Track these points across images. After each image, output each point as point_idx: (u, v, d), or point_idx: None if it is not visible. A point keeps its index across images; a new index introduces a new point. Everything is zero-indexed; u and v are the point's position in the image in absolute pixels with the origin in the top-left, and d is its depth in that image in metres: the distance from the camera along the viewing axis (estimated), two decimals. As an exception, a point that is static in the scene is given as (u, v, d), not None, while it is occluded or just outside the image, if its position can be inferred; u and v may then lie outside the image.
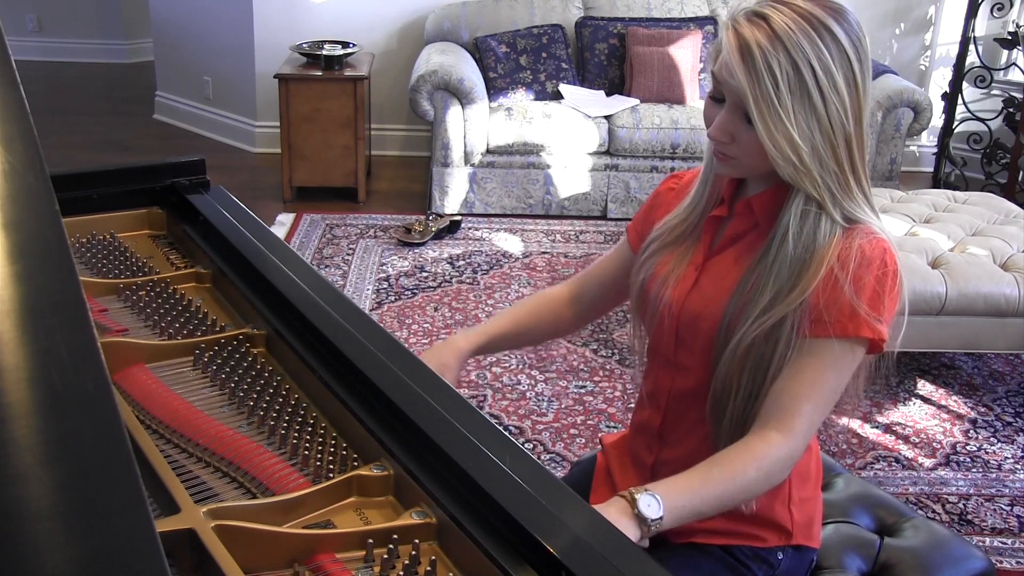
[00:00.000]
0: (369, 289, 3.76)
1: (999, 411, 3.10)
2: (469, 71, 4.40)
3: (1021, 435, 2.98)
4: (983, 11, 4.73)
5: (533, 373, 3.17)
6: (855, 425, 2.96)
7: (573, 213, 4.52)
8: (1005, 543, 2.51)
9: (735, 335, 1.26)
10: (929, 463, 2.82)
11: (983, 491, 2.71)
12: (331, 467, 1.14)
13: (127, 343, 1.33)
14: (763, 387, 1.25)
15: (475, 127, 4.34)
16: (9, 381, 0.62)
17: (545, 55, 4.65)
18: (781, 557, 1.39)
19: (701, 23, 4.78)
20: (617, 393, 3.07)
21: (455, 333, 2.64)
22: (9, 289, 0.69)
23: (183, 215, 1.67)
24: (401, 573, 0.98)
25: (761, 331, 1.24)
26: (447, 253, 4.10)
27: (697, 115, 4.40)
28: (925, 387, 3.21)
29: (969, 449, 2.89)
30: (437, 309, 3.61)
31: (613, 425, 2.92)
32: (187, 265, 1.60)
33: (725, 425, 1.29)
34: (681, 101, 4.60)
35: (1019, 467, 2.82)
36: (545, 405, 3.00)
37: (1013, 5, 4.85)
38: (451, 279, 3.86)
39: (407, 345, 2.31)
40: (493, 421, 1.31)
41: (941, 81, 5.14)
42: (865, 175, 1.26)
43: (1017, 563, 2.44)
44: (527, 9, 4.84)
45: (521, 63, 4.62)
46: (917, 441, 2.92)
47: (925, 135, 5.12)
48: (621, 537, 0.96)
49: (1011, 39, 4.76)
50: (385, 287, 3.77)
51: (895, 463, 2.80)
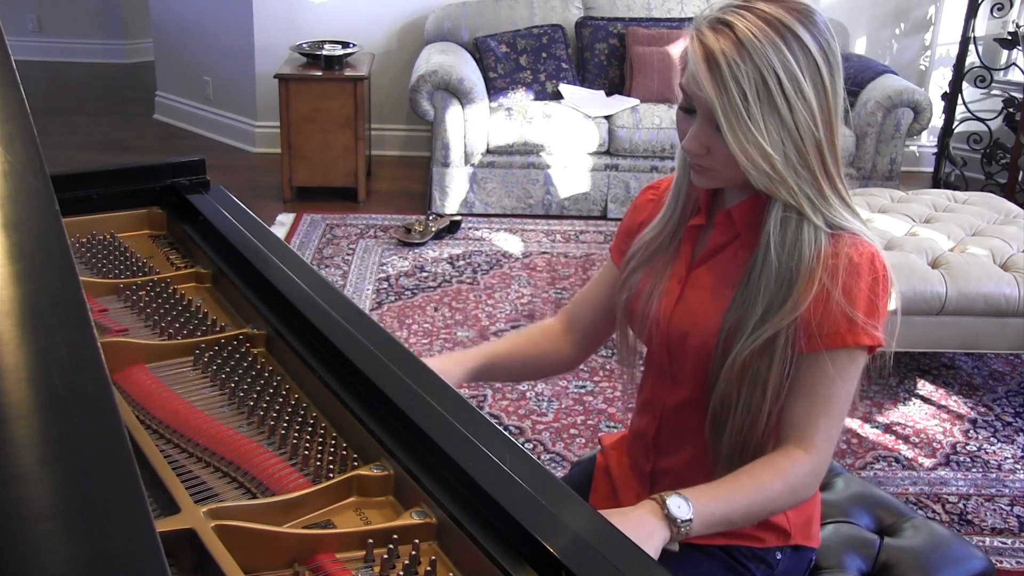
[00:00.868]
0: (369, 289, 3.75)
1: (999, 411, 3.10)
2: (469, 71, 4.40)
3: (1021, 435, 2.98)
4: (983, 11, 4.73)
5: (533, 373, 3.17)
6: (855, 425, 2.96)
7: (573, 213, 4.52)
8: (1005, 543, 2.51)
9: (731, 352, 1.25)
10: (929, 463, 2.82)
11: (983, 491, 2.71)
12: (331, 467, 1.14)
13: (127, 343, 1.33)
14: (763, 403, 1.25)
15: (475, 127, 4.34)
16: (9, 381, 0.62)
17: (545, 55, 4.65)
18: (779, 557, 1.39)
19: (701, 23, 4.78)
20: (617, 393, 3.07)
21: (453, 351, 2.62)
22: (9, 289, 0.69)
23: (183, 215, 1.66)
24: (401, 573, 0.98)
25: (755, 347, 1.23)
26: (447, 253, 4.10)
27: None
28: (925, 387, 3.21)
29: (969, 449, 2.89)
30: (437, 309, 3.61)
31: (613, 425, 2.92)
32: (187, 265, 1.59)
33: (725, 440, 1.29)
34: (681, 101, 4.60)
35: (1019, 467, 2.82)
36: (545, 405, 3.00)
37: (1013, 5, 4.85)
38: (451, 279, 3.86)
39: (407, 345, 2.32)
40: (493, 421, 1.31)
41: (941, 81, 5.14)
42: (840, 178, 1.24)
43: (1017, 563, 2.44)
44: (527, 9, 4.84)
45: (521, 63, 4.61)
46: (917, 441, 2.92)
47: (925, 135, 5.12)
48: (621, 537, 0.96)
49: (1011, 39, 4.76)
50: (385, 287, 3.77)
51: (895, 463, 2.80)
